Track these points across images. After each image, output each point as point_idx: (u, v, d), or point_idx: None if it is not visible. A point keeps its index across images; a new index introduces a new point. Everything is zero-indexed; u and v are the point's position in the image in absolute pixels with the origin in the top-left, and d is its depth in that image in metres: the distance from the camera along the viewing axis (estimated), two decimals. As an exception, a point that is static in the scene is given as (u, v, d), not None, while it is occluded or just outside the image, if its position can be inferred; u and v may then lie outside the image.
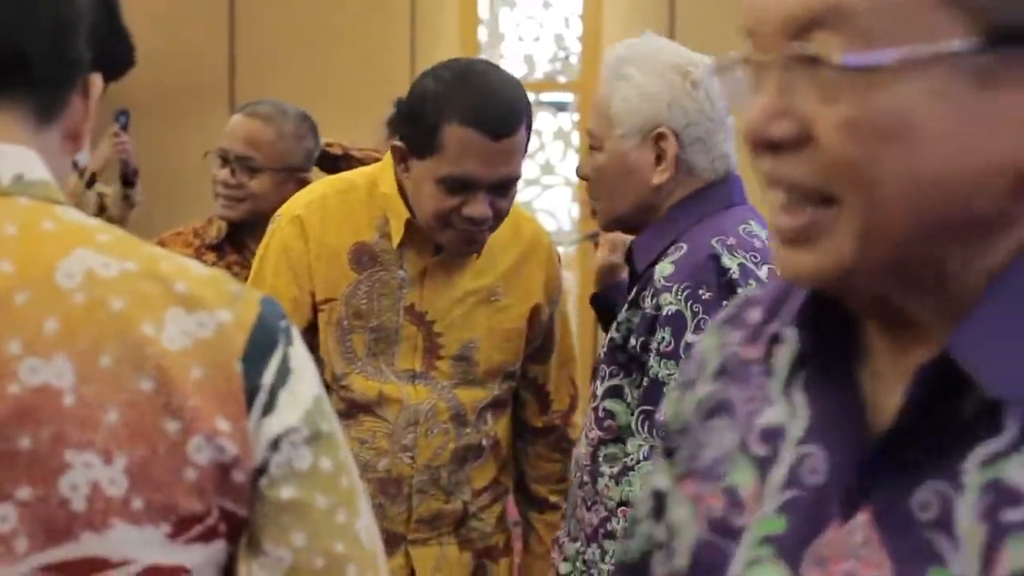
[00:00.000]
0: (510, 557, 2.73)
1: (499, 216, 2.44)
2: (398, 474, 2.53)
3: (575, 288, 9.72)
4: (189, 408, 1.11)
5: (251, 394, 1.15)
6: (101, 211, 6.68)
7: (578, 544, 2.29)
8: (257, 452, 1.15)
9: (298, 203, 2.57)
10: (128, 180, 6.53)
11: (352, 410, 2.53)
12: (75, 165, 6.65)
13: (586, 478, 2.26)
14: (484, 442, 2.59)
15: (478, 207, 2.40)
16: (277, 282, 2.52)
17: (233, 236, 3.23)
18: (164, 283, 1.15)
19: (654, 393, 2.14)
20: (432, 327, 2.53)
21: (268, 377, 1.16)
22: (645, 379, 2.16)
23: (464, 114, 2.35)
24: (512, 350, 2.60)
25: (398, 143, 2.46)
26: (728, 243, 2.21)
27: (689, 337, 2.13)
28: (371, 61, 10.38)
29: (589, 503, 2.26)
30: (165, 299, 1.14)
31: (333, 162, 2.89)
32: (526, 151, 2.43)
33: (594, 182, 2.33)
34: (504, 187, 2.43)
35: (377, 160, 2.73)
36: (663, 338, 2.15)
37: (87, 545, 1.09)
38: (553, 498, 2.74)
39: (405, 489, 2.54)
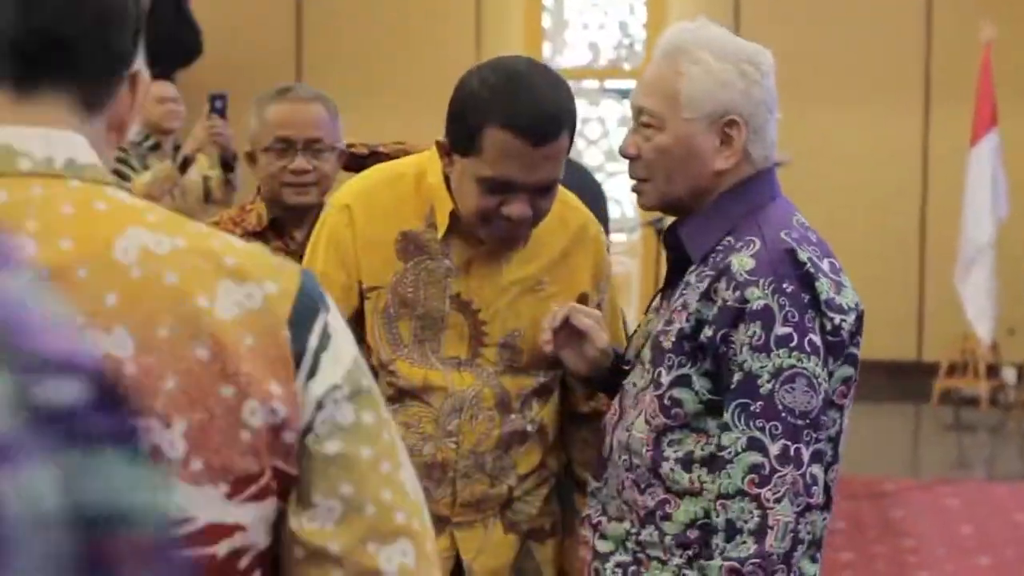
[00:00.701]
0: (557, 538, 2.74)
1: (539, 215, 2.45)
2: (443, 459, 2.56)
3: (637, 275, 9.74)
4: (243, 374, 1.18)
5: (298, 358, 1.21)
6: (207, 195, 6.73)
7: (626, 524, 2.33)
8: (305, 413, 1.21)
9: (348, 192, 2.61)
10: (227, 164, 6.57)
11: (399, 395, 2.56)
12: (176, 149, 6.72)
13: (638, 461, 2.30)
14: (529, 428, 2.61)
15: (517, 207, 2.40)
16: (327, 269, 2.55)
17: (275, 223, 3.28)
18: (214, 258, 1.21)
19: (749, 386, 2.18)
20: (477, 315, 2.55)
21: (313, 341, 1.22)
22: (737, 373, 2.19)
23: (505, 119, 2.34)
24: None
25: (442, 140, 2.48)
26: (794, 236, 2.26)
27: (778, 330, 2.17)
28: (436, 50, 10.43)
29: (643, 486, 2.30)
30: (216, 272, 1.20)
31: (360, 162, 2.93)
32: (568, 152, 2.44)
33: (649, 162, 2.33)
34: (544, 189, 2.43)
35: (408, 154, 2.76)
36: (754, 332, 2.18)
37: None
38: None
39: (449, 474, 2.57)
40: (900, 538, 6.31)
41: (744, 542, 2.17)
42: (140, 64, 1.30)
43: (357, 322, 2.56)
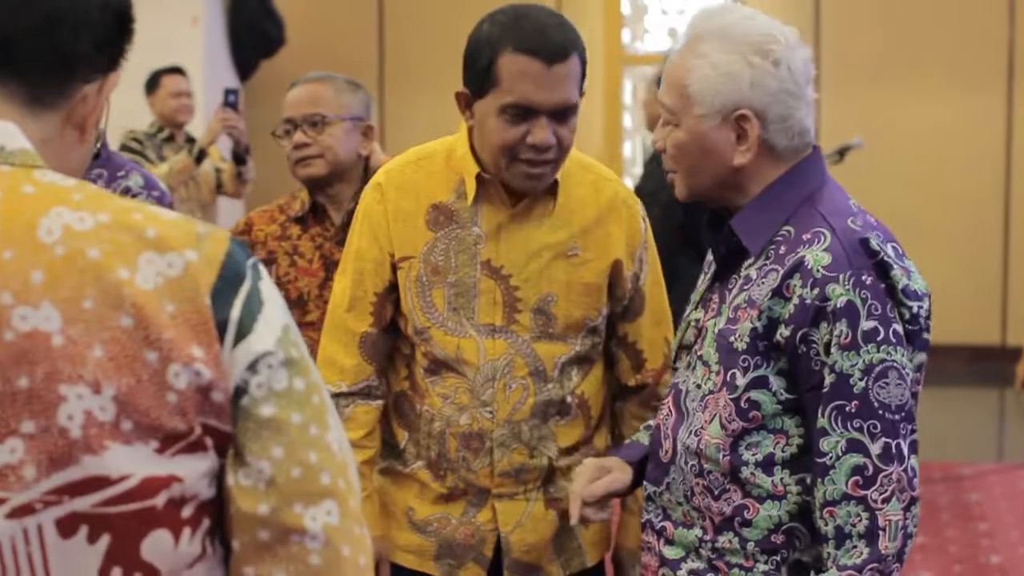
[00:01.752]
0: (603, 524, 2.75)
1: (562, 145, 2.53)
2: (479, 429, 2.62)
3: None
4: (165, 340, 1.27)
5: (222, 323, 1.30)
6: (219, 186, 6.94)
7: (696, 531, 2.29)
8: (234, 374, 1.31)
9: (381, 172, 2.72)
10: (239, 158, 6.76)
11: (435, 366, 2.63)
12: (190, 140, 6.92)
13: (711, 467, 2.24)
14: (569, 399, 2.65)
15: (541, 133, 2.48)
16: (361, 244, 2.67)
17: (315, 208, 3.38)
18: (136, 230, 1.30)
19: (841, 387, 2.12)
20: (509, 281, 2.61)
21: (237, 306, 1.32)
22: (829, 375, 2.13)
23: (517, 43, 2.47)
24: (592, 305, 2.64)
25: (462, 91, 2.58)
26: (859, 224, 2.20)
27: (864, 325, 2.11)
28: (516, 37, 10.47)
29: (716, 491, 2.25)
30: (137, 245, 1.29)
31: None
32: (582, 84, 2.54)
33: (672, 157, 2.32)
34: (563, 114, 2.50)
35: None
36: (841, 331, 2.11)
37: (88, 466, 1.26)
38: None
39: (487, 443, 2.63)
40: (974, 522, 6.30)
41: (855, 547, 2.11)
42: (110, 67, 1.40)
43: (394, 289, 2.65)
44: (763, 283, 2.20)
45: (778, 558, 2.21)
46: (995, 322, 10.05)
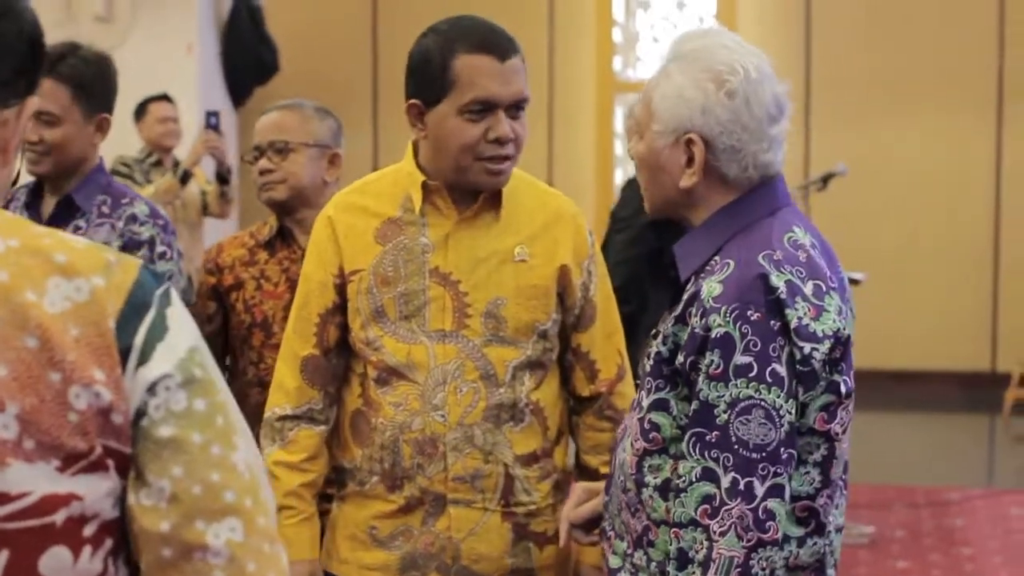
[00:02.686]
0: (558, 547, 2.77)
1: (519, 141, 2.64)
2: (432, 433, 2.66)
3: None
4: (68, 362, 1.31)
5: (125, 348, 1.34)
6: (204, 208, 7.09)
7: (624, 544, 2.34)
8: (135, 397, 1.34)
9: (330, 203, 2.82)
10: (223, 178, 6.94)
11: (386, 376, 2.68)
12: (177, 164, 7.07)
13: (630, 485, 2.30)
14: (521, 404, 2.70)
15: (501, 127, 2.59)
16: (307, 268, 2.77)
17: (282, 232, 3.45)
18: (45, 255, 1.34)
19: (705, 416, 2.14)
20: (458, 286, 2.67)
21: (141, 332, 1.35)
22: (695, 402, 2.16)
23: (470, 44, 2.59)
24: (540, 308, 2.70)
25: (413, 102, 2.66)
26: (775, 258, 2.18)
27: (738, 359, 2.11)
28: (509, 64, 10.55)
29: (632, 509, 2.30)
30: (45, 269, 1.33)
31: None
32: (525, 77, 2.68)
33: (636, 167, 2.38)
34: (518, 108, 2.63)
35: None
36: (712, 361, 2.13)
37: None
38: (604, 469, 2.78)
39: (440, 448, 2.66)
40: (958, 547, 6.32)
41: (693, 572, 2.14)
42: (27, 92, 1.44)
43: (339, 311, 2.73)
44: (677, 309, 2.25)
45: None
46: (985, 348, 10.08)
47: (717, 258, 2.24)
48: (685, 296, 2.26)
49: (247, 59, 9.69)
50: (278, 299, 3.41)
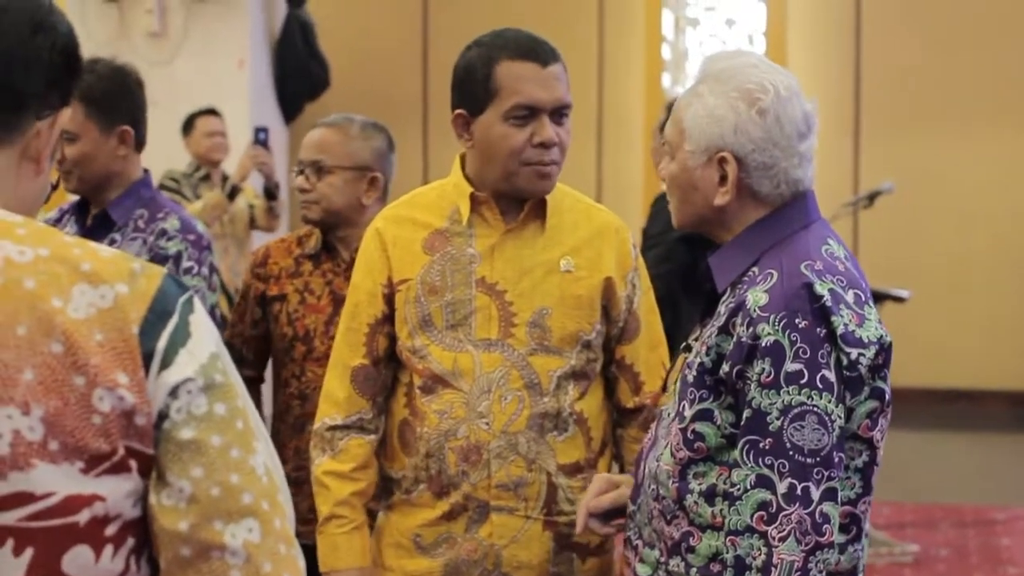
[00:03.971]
0: (603, 560, 2.83)
1: (563, 146, 2.71)
2: (476, 440, 2.70)
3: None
4: (92, 366, 1.36)
5: (148, 352, 1.39)
6: (252, 222, 7.16)
7: (656, 552, 2.37)
8: (157, 400, 1.39)
9: (378, 216, 2.88)
10: (270, 193, 7.02)
11: (431, 384, 2.73)
12: (224, 178, 7.18)
13: (664, 492, 2.33)
14: (565, 414, 2.74)
15: (545, 131, 2.66)
16: (356, 278, 2.82)
17: (327, 245, 3.49)
18: (71, 264, 1.40)
19: (758, 423, 2.19)
20: (504, 296, 2.73)
21: (164, 338, 1.40)
22: (747, 410, 2.20)
23: (511, 51, 2.67)
24: (585, 318, 2.75)
25: (459, 112, 2.73)
26: (816, 268, 2.23)
27: (789, 366, 2.16)
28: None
29: (669, 517, 2.32)
30: (72, 276, 1.39)
31: None
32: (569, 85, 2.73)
33: (668, 187, 2.42)
34: (562, 113, 2.70)
35: None
36: (763, 369, 2.18)
37: (14, 483, 1.34)
38: None
39: (484, 455, 2.70)
40: (1003, 565, 6.29)
41: None
42: (61, 103, 1.50)
43: (388, 321, 2.78)
44: (718, 319, 2.29)
45: None
46: (1034, 367, 10.01)
47: (755, 269, 2.30)
48: (726, 307, 2.30)
49: (298, 75, 9.75)
50: (320, 313, 3.44)
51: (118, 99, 3.41)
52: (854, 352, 2.19)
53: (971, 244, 9.96)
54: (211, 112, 7.55)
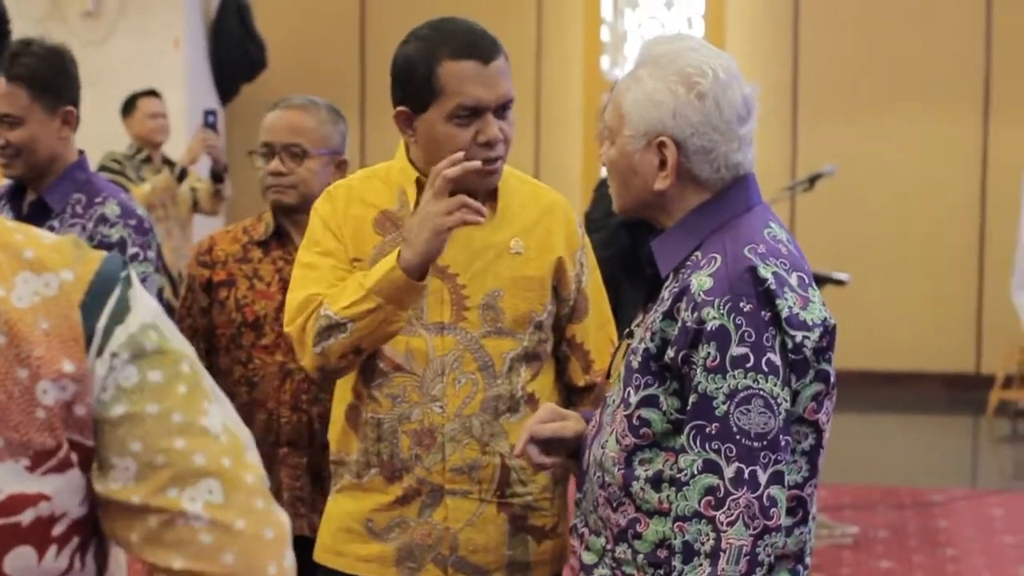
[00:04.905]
0: (557, 542, 2.80)
1: (507, 140, 2.67)
2: (430, 424, 2.68)
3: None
4: (35, 357, 1.30)
5: (89, 335, 1.33)
6: (195, 204, 7.12)
7: (603, 540, 2.35)
8: (96, 384, 1.33)
9: (330, 187, 2.84)
10: (217, 176, 7.02)
11: (384, 368, 2.70)
12: (167, 161, 7.16)
13: (610, 479, 2.31)
14: (519, 395, 2.72)
15: (490, 130, 2.62)
16: (326, 242, 2.73)
17: (279, 232, 3.42)
18: (13, 251, 1.34)
19: (704, 408, 2.18)
20: (456, 279, 2.70)
21: (104, 318, 1.34)
22: (693, 395, 2.19)
23: (453, 49, 2.62)
24: (536, 299, 2.73)
25: (401, 109, 2.67)
26: (760, 251, 2.23)
27: (734, 350, 2.16)
28: (497, 62, 10.54)
29: (615, 504, 2.31)
30: (14, 264, 1.33)
31: None
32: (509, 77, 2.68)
33: (608, 172, 2.41)
34: (506, 109, 2.66)
35: None
36: (709, 353, 2.17)
37: None
38: None
39: (438, 438, 2.68)
40: (941, 547, 6.34)
41: (700, 564, 2.16)
42: None
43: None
44: (662, 305, 2.27)
45: (662, 571, 2.25)
46: (970, 350, 10.10)
47: (698, 254, 2.29)
48: (669, 292, 2.29)
49: (235, 55, 9.66)
50: (270, 299, 3.37)
51: (60, 80, 3.35)
52: (799, 335, 2.19)
53: (909, 228, 10.02)
54: (152, 93, 7.48)
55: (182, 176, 6.81)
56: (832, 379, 2.26)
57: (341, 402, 2.79)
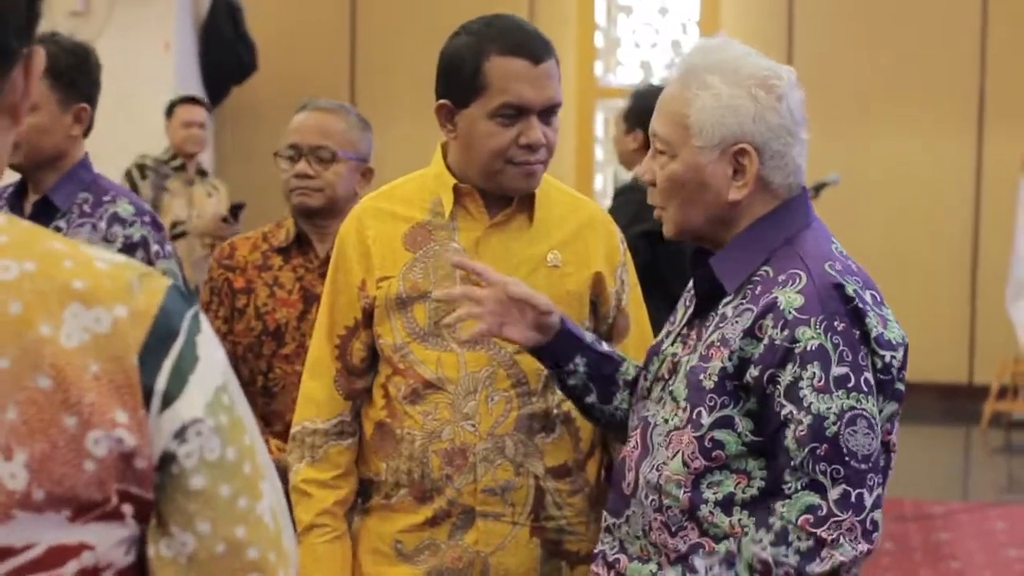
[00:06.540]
0: (591, 569, 2.63)
1: (550, 146, 2.56)
2: (462, 443, 2.57)
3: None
4: (86, 404, 1.17)
5: (149, 385, 1.20)
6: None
7: (651, 566, 2.25)
8: (160, 440, 1.21)
9: (357, 206, 2.74)
10: (234, 214, 6.72)
11: (414, 384, 2.60)
12: (201, 172, 6.91)
13: (671, 502, 2.21)
14: (554, 414, 2.61)
15: (533, 133, 2.51)
16: (334, 276, 2.67)
17: (299, 239, 3.33)
18: (62, 281, 1.20)
19: (818, 430, 2.09)
20: None
21: (167, 368, 1.22)
22: (807, 416, 2.10)
23: (503, 46, 2.52)
24: (574, 315, 2.59)
25: (443, 102, 2.57)
26: (837, 268, 2.17)
27: (835, 370, 2.09)
28: (489, 67, 10.47)
29: (674, 528, 2.22)
30: (62, 297, 1.19)
31: None
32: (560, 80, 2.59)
33: (663, 190, 2.28)
34: (551, 113, 2.56)
35: None
36: (814, 374, 2.09)
37: None
38: None
39: (470, 458, 2.57)
40: (946, 561, 6.29)
41: (788, 556, 2.09)
42: (30, 50, 1.29)
43: (367, 322, 2.64)
44: (737, 322, 2.18)
45: None
46: (963, 360, 10.07)
47: (768, 269, 2.21)
48: (736, 309, 2.19)
49: (225, 58, 9.56)
50: (291, 307, 3.28)
51: (80, 75, 3.26)
52: (887, 355, 2.14)
53: (905, 238, 9.97)
54: (192, 100, 7.33)
55: (236, 212, 6.39)
56: (903, 398, 2.19)
57: (370, 419, 2.69)
